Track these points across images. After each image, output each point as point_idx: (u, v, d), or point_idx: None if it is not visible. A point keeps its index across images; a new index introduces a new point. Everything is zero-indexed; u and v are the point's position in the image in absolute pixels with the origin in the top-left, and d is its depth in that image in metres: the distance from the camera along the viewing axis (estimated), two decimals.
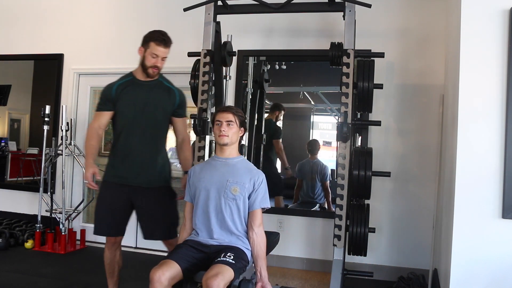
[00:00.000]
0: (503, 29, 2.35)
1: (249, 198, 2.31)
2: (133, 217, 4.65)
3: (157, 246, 4.32)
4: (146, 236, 2.74)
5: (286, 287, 3.30)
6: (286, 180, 4.76)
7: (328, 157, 4.68)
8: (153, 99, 2.65)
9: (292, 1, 3.19)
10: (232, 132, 2.33)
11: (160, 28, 4.89)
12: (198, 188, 2.36)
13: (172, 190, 2.77)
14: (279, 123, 4.76)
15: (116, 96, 2.62)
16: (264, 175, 2.38)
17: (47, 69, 4.88)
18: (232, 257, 2.12)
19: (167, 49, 2.63)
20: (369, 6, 3.05)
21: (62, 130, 4.21)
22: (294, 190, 4.59)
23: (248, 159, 3.92)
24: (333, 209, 3.08)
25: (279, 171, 4.73)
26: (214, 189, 2.32)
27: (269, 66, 4.38)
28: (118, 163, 2.64)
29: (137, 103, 2.62)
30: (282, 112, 4.78)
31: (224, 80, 3.63)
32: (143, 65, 2.64)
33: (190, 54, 3.40)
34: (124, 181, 2.62)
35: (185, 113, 2.82)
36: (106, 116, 2.65)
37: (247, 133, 3.88)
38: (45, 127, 4.23)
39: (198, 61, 3.34)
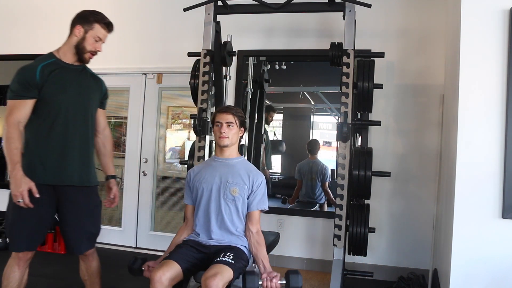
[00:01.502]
0: (503, 29, 2.35)
1: (248, 199, 2.31)
2: (133, 215, 4.64)
3: (157, 246, 4.34)
4: (74, 249, 2.33)
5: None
6: (285, 180, 4.77)
7: (328, 157, 4.67)
8: (84, 86, 2.33)
9: (292, 1, 3.19)
10: (232, 133, 2.33)
11: (160, 28, 4.89)
12: (200, 190, 2.35)
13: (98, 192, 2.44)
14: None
15: (42, 81, 2.16)
16: (264, 177, 2.37)
17: None
18: (231, 257, 2.12)
19: (108, 34, 2.36)
20: (369, 6, 3.05)
21: None
22: (294, 190, 4.58)
23: (248, 159, 3.92)
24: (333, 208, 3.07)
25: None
26: (214, 190, 2.32)
27: (269, 66, 4.37)
28: (50, 160, 2.20)
29: (69, 90, 2.25)
30: (272, 114, 4.77)
31: (224, 80, 3.62)
32: (79, 48, 2.27)
33: (190, 54, 3.40)
34: (57, 181, 2.22)
35: (106, 105, 2.55)
36: (29, 105, 2.17)
37: (247, 133, 3.88)
38: None
39: (198, 61, 3.33)
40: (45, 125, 2.21)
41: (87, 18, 2.29)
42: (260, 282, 2.08)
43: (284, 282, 2.10)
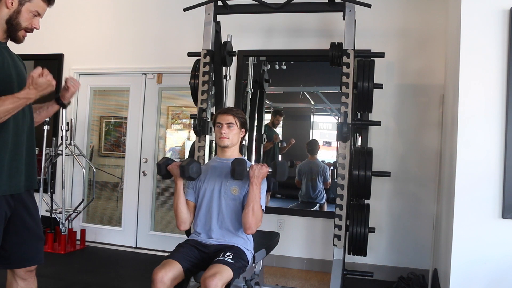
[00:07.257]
0: (503, 29, 2.35)
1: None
2: (133, 215, 4.64)
3: (157, 246, 4.34)
4: (26, 260, 1.93)
5: (286, 287, 3.30)
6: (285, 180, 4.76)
7: (328, 157, 4.67)
8: (21, 70, 1.90)
9: (292, 1, 3.19)
10: (232, 134, 2.34)
11: (160, 28, 4.88)
12: (202, 190, 2.36)
13: None
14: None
15: None
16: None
17: (47, 69, 4.86)
18: (231, 257, 2.12)
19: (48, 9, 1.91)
20: (369, 6, 3.05)
21: (62, 130, 4.22)
22: (293, 191, 4.58)
23: (248, 158, 3.92)
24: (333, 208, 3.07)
25: None
26: (216, 190, 2.33)
27: (269, 66, 4.37)
28: (4, 165, 1.77)
29: (12, 75, 1.82)
30: (278, 117, 4.80)
31: (224, 80, 3.63)
32: (11, 23, 1.80)
33: (190, 54, 3.40)
34: (14, 189, 1.81)
35: None
36: None
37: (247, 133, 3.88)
38: (45, 127, 4.24)
39: (198, 61, 3.34)
40: None
41: None
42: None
43: (271, 170, 2.23)
